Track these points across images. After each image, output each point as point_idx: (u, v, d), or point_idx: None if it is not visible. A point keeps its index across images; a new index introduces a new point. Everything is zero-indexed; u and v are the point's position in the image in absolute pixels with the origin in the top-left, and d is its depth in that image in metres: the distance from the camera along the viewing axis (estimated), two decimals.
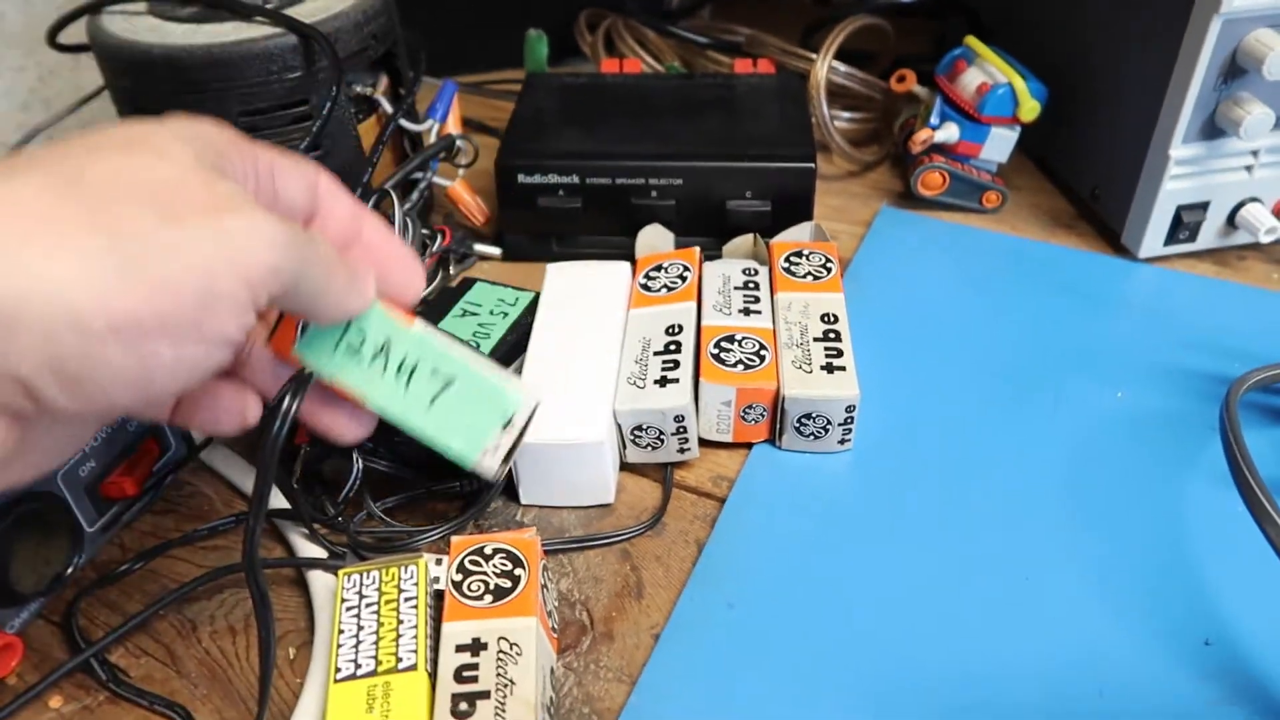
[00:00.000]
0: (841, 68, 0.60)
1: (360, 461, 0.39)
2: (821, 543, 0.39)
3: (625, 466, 0.42)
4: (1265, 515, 0.34)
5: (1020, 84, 0.53)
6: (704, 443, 0.42)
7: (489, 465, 0.34)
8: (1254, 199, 0.50)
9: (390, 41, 0.52)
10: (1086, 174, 0.57)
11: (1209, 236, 0.52)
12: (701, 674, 0.34)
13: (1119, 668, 0.34)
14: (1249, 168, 0.49)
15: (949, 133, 0.55)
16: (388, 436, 0.37)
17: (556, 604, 0.37)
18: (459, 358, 0.34)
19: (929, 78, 0.58)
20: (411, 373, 0.34)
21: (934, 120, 0.55)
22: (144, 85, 0.46)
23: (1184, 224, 0.50)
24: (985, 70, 0.54)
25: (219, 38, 0.45)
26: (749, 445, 0.43)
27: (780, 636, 0.35)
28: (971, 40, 0.56)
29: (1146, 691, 0.33)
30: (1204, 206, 0.50)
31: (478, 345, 0.43)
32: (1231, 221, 0.51)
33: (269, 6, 0.47)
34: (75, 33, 0.50)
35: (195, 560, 0.39)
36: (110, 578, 0.38)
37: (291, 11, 0.46)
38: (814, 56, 0.59)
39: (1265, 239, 0.50)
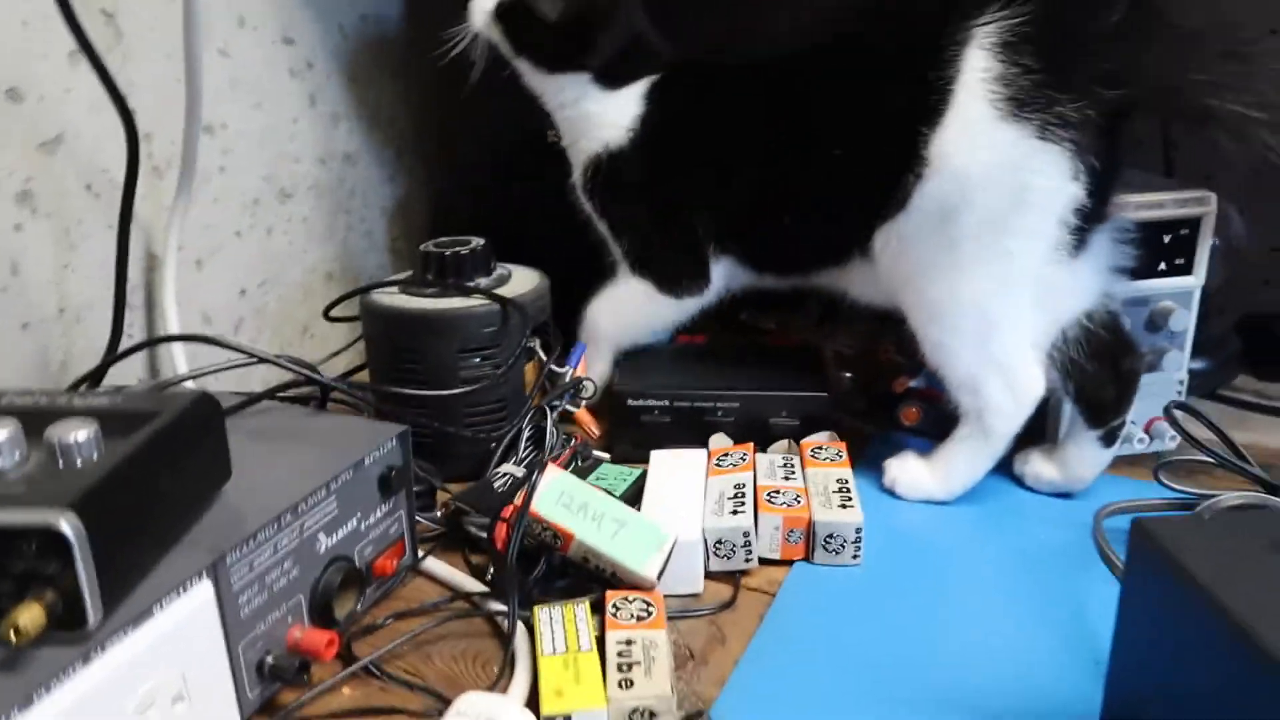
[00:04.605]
0: (843, 339, 0.87)
1: (544, 561, 0.60)
2: (837, 620, 0.58)
3: (709, 575, 0.62)
4: None
5: None
6: (761, 561, 0.63)
7: (649, 575, 0.56)
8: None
9: (545, 316, 0.79)
10: None
11: None
12: (764, 684, 0.53)
13: (1038, 672, 0.52)
14: None
15: (921, 381, 0.80)
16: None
17: (672, 642, 0.56)
18: (629, 510, 0.59)
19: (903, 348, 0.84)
20: (601, 518, 0.58)
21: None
22: (399, 333, 0.73)
23: None
24: None
25: (451, 305, 0.72)
26: (791, 562, 0.63)
27: (808, 670, 0.54)
28: None
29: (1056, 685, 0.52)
30: None
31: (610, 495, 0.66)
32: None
33: (482, 288, 0.74)
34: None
35: (421, 620, 0.59)
36: (371, 627, 0.58)
37: (495, 291, 0.74)
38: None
39: (1138, 448, 0.72)
